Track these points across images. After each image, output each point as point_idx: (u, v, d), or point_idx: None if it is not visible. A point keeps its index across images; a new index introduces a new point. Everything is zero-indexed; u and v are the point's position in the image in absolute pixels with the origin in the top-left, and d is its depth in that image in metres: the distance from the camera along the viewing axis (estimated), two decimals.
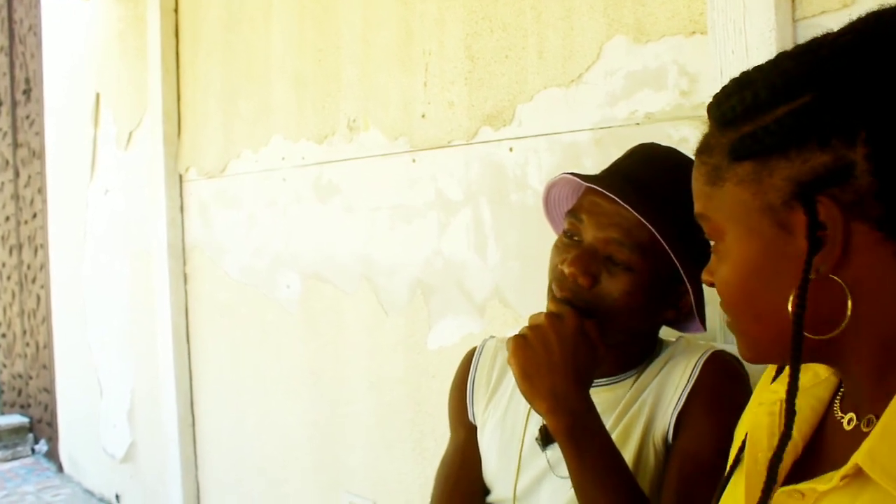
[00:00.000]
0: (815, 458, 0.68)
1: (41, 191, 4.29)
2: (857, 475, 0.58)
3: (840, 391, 0.69)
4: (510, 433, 1.14)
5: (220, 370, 2.75)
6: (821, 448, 0.68)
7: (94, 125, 3.50)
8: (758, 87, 0.61)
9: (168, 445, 2.93)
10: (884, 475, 0.56)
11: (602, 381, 1.09)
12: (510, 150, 1.66)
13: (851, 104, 0.57)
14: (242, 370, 2.62)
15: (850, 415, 0.65)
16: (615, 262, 1.00)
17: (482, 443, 1.19)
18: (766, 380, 0.76)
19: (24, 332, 4.70)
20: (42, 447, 4.49)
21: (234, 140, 2.58)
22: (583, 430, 0.94)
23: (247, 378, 2.60)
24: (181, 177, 2.87)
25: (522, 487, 1.10)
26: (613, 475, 0.93)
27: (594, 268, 1.00)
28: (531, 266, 1.63)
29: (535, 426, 1.08)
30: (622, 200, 0.97)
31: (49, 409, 4.36)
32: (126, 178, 3.25)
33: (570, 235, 1.05)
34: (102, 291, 3.54)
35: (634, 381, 1.08)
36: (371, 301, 2.05)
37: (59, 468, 4.17)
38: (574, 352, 0.96)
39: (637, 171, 1.05)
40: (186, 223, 2.87)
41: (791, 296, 0.60)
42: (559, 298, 1.02)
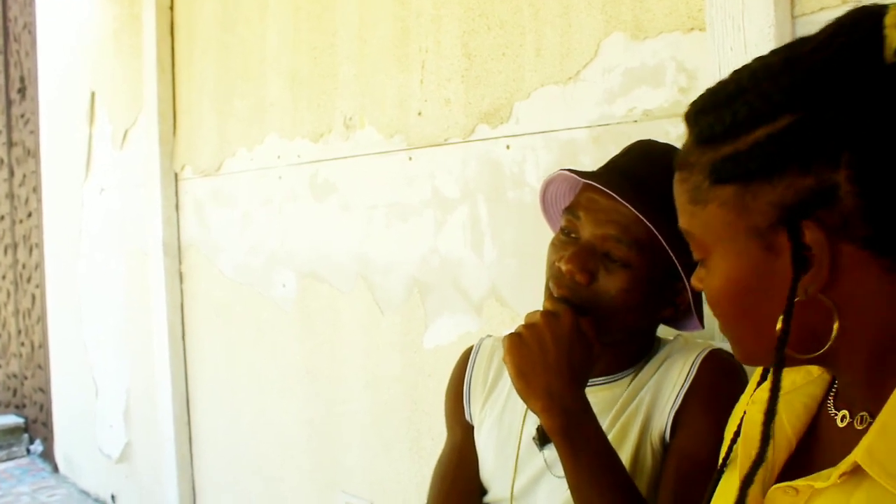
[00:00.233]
0: (810, 455, 0.68)
1: (36, 190, 4.27)
2: (855, 472, 0.58)
3: (833, 388, 0.69)
4: (507, 432, 1.13)
5: (216, 369, 2.74)
6: (815, 444, 0.68)
7: (90, 124, 3.49)
8: (737, 107, 0.60)
9: (164, 445, 2.92)
10: (882, 472, 0.56)
11: (599, 380, 1.08)
12: (507, 148, 1.66)
13: (833, 127, 0.56)
14: (238, 369, 2.61)
15: (844, 412, 0.65)
16: (612, 259, 0.99)
17: (479, 442, 1.18)
18: (758, 377, 0.76)
19: (20, 332, 4.68)
20: (37, 447, 4.47)
21: (230, 138, 2.57)
22: (578, 430, 0.93)
23: (243, 377, 2.59)
24: (176, 175, 2.86)
25: (519, 487, 1.09)
26: (609, 475, 0.93)
27: (591, 265, 0.99)
28: (528, 264, 1.62)
29: (533, 425, 1.07)
30: (620, 197, 0.97)
31: (44, 409, 4.35)
32: (121, 177, 3.24)
33: (568, 232, 1.04)
34: (98, 290, 3.53)
35: (631, 380, 1.07)
36: (367, 300, 2.04)
37: (55, 468, 4.16)
38: (570, 350, 0.95)
39: (635, 168, 1.04)
40: (182, 222, 2.86)
41: (779, 317, 0.60)
42: (556, 296, 1.01)
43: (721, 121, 0.61)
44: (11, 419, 4.64)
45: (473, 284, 1.75)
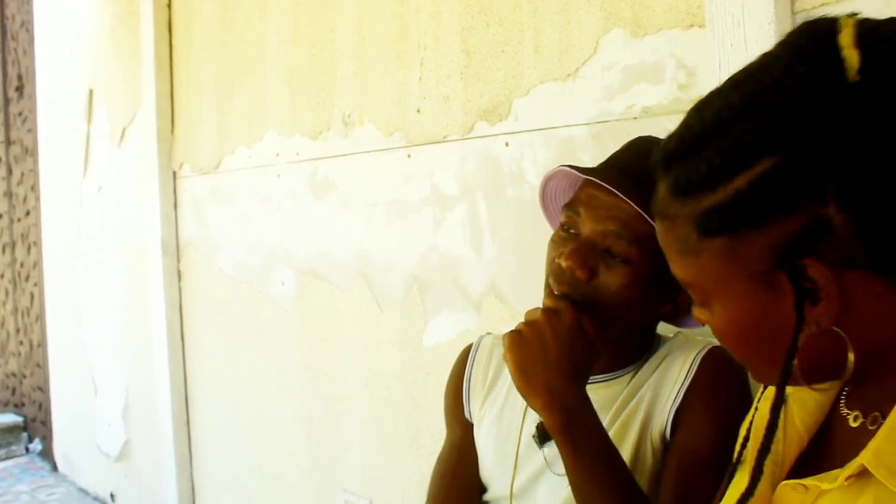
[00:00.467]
0: (822, 453, 0.68)
1: (34, 188, 4.27)
2: (862, 475, 0.58)
3: (845, 387, 0.69)
4: (507, 430, 1.13)
5: (215, 367, 2.73)
6: (827, 443, 0.68)
7: (88, 122, 3.48)
8: (710, 155, 0.59)
9: (163, 443, 2.92)
10: (889, 476, 0.56)
11: (599, 378, 1.08)
12: (506, 145, 1.65)
13: (814, 164, 0.55)
14: (237, 367, 2.61)
15: (856, 412, 0.65)
16: (613, 255, 0.99)
17: (479, 440, 1.18)
18: None
19: (18, 331, 4.68)
20: (36, 446, 4.47)
21: (228, 136, 2.56)
22: (579, 427, 0.93)
23: (242, 375, 2.59)
24: (175, 173, 2.85)
25: (519, 485, 1.09)
26: (610, 472, 0.92)
27: (592, 261, 0.99)
28: (527, 261, 1.62)
29: (532, 423, 1.07)
30: (620, 192, 0.96)
31: (43, 408, 4.35)
32: (119, 175, 3.24)
33: (567, 229, 1.04)
34: (96, 289, 3.53)
35: (632, 378, 1.07)
36: (366, 297, 2.04)
37: (54, 467, 4.15)
38: (570, 347, 0.95)
39: (634, 164, 1.04)
40: (180, 220, 2.85)
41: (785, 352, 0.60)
42: (557, 293, 1.01)
43: (696, 171, 0.59)
44: (10, 418, 4.64)
45: (473, 282, 1.75)
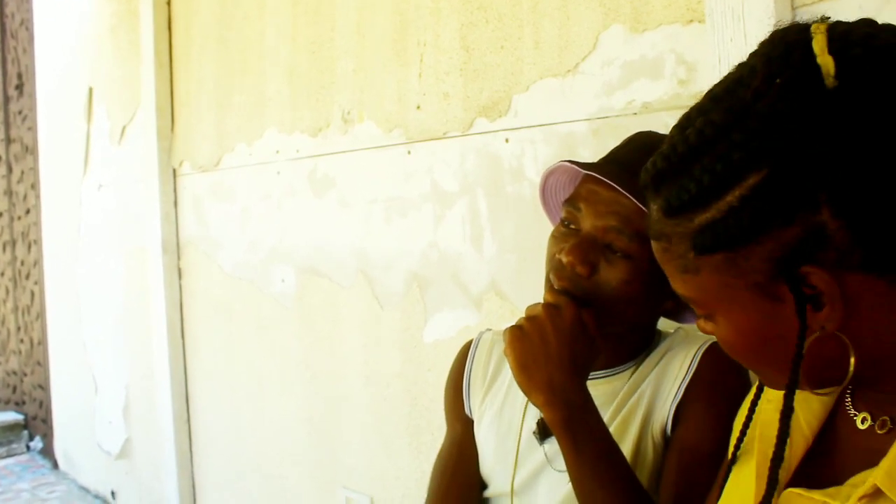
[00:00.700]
0: (827, 455, 0.67)
1: (34, 186, 4.27)
2: (875, 494, 0.57)
3: (848, 388, 0.69)
4: (507, 427, 1.12)
5: (215, 365, 2.73)
6: (834, 445, 0.68)
7: (87, 120, 3.48)
8: (698, 174, 0.59)
9: (163, 441, 2.92)
10: None
11: (600, 373, 1.07)
12: (506, 142, 1.65)
13: (803, 173, 0.55)
14: (237, 365, 2.60)
15: (864, 414, 0.65)
16: (614, 251, 0.99)
17: (479, 436, 1.17)
18: None
19: (19, 329, 4.68)
20: (37, 444, 4.47)
21: (228, 133, 2.56)
22: (580, 423, 0.92)
23: (242, 373, 2.58)
24: (175, 171, 2.85)
25: (520, 481, 1.09)
26: (611, 468, 0.92)
27: (592, 256, 0.99)
28: (528, 258, 1.62)
29: (533, 419, 1.07)
30: (620, 187, 0.96)
31: (44, 406, 4.35)
32: (119, 173, 3.23)
33: (568, 224, 1.03)
34: (97, 287, 3.53)
35: (632, 373, 1.07)
36: (366, 295, 2.04)
37: (55, 465, 4.16)
38: (571, 343, 0.95)
39: (634, 160, 1.03)
40: (180, 218, 2.85)
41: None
42: (557, 289, 1.00)
43: (686, 190, 0.60)
44: (11, 416, 4.64)
45: (473, 279, 1.75)
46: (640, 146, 1.07)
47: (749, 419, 0.73)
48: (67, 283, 3.83)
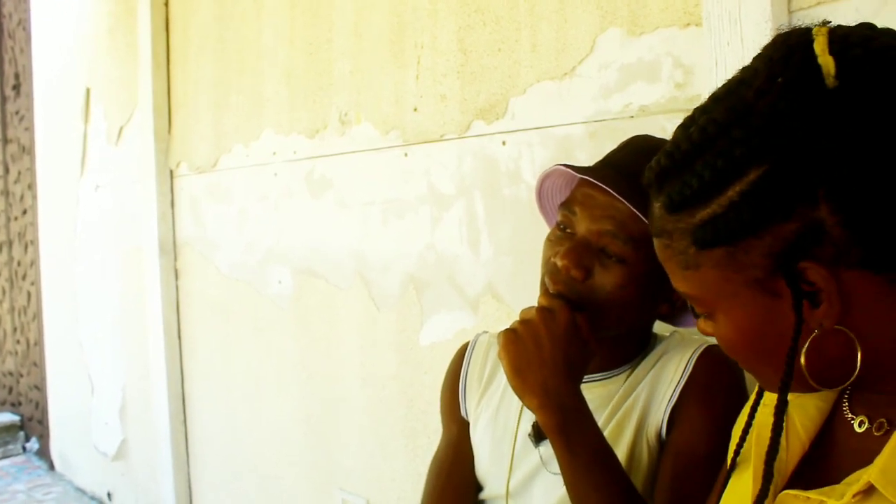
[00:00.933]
0: (824, 458, 0.68)
1: (31, 187, 4.26)
2: (869, 491, 0.58)
3: (848, 390, 0.69)
4: (503, 429, 1.12)
5: (212, 367, 2.73)
6: (830, 448, 0.68)
7: (85, 121, 3.47)
8: (700, 169, 0.60)
9: (160, 443, 2.92)
10: None
11: (595, 377, 1.08)
12: (503, 144, 1.65)
13: (802, 169, 0.56)
14: (234, 367, 2.60)
15: (862, 417, 0.65)
16: (608, 255, 0.99)
17: (475, 439, 1.18)
18: None
19: (15, 329, 4.67)
20: (33, 445, 4.46)
21: (225, 134, 2.56)
22: (574, 426, 0.92)
23: (238, 375, 2.58)
24: (172, 172, 2.85)
25: (515, 484, 1.09)
26: (605, 472, 0.92)
27: (587, 260, 0.99)
28: (524, 261, 1.62)
29: (528, 422, 1.07)
30: (616, 192, 0.96)
31: (40, 407, 4.34)
32: (116, 174, 3.23)
33: (563, 228, 1.03)
34: (93, 288, 3.52)
35: (628, 377, 1.07)
36: (363, 296, 2.04)
37: (51, 466, 4.15)
38: (565, 347, 0.95)
39: (631, 163, 1.03)
40: (177, 219, 2.85)
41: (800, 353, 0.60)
42: (552, 292, 1.00)
43: (688, 185, 0.61)
44: (7, 417, 4.63)
45: (469, 281, 1.75)
46: (636, 150, 1.07)
47: (748, 425, 0.73)
48: (64, 284, 3.83)
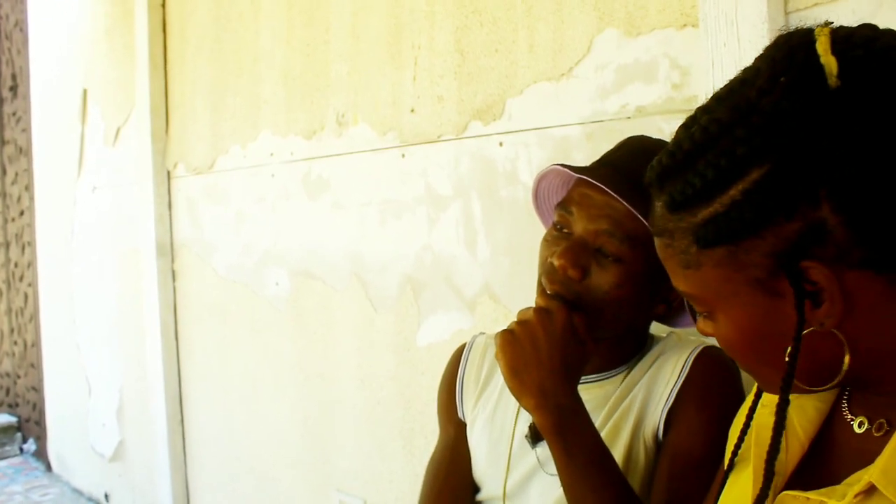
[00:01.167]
0: (823, 459, 0.68)
1: (28, 188, 4.25)
2: (870, 491, 0.58)
3: (846, 391, 0.69)
4: (500, 430, 1.12)
5: (209, 368, 2.73)
6: (829, 449, 0.68)
7: (82, 122, 3.47)
8: (702, 169, 0.60)
9: (157, 444, 2.91)
10: None
11: (591, 377, 1.08)
12: (500, 145, 1.65)
13: (805, 168, 0.56)
14: (231, 368, 2.60)
15: (861, 418, 0.65)
16: (605, 255, 0.99)
17: (472, 440, 1.17)
18: None
19: (12, 331, 4.66)
20: (30, 446, 4.46)
21: (223, 136, 2.55)
22: (571, 427, 0.92)
23: (236, 376, 2.58)
24: (169, 173, 2.84)
25: (512, 485, 1.09)
26: (602, 472, 0.92)
27: (584, 260, 0.99)
28: (522, 261, 1.62)
29: (525, 423, 1.07)
30: (613, 191, 0.96)
31: (37, 408, 4.33)
32: (114, 175, 3.23)
33: (560, 228, 1.03)
34: (90, 289, 3.52)
35: (624, 377, 1.07)
36: (360, 298, 2.04)
37: (48, 467, 4.14)
38: (562, 348, 0.95)
39: (627, 163, 1.03)
40: (174, 220, 2.85)
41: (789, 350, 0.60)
42: (549, 292, 1.00)
43: (690, 185, 0.61)
44: (4, 418, 4.62)
45: (467, 282, 1.75)
46: (633, 150, 1.08)
47: (747, 426, 0.73)
48: (61, 286, 3.82)
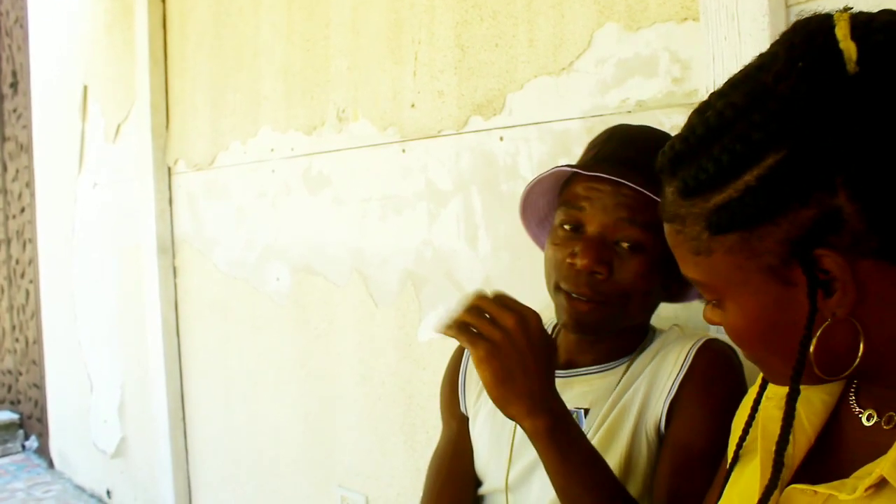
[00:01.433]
0: (831, 452, 0.67)
1: (29, 185, 4.25)
2: (881, 485, 0.57)
3: (854, 384, 0.68)
4: (501, 424, 1.13)
5: (211, 364, 2.73)
6: (837, 442, 0.67)
7: (82, 118, 3.47)
8: (717, 153, 0.59)
9: (158, 440, 2.92)
10: None
11: (594, 369, 1.08)
12: (500, 140, 1.65)
13: (821, 155, 0.55)
14: (233, 364, 2.60)
15: (870, 411, 0.65)
16: (625, 245, 0.99)
17: (474, 433, 1.18)
18: None
19: (14, 328, 4.67)
20: (32, 443, 4.46)
21: (223, 131, 2.55)
22: (563, 429, 0.91)
23: (237, 372, 2.58)
24: (170, 169, 2.84)
25: (514, 477, 1.09)
26: (596, 473, 0.92)
27: (607, 255, 1.00)
28: (522, 256, 1.62)
29: None
30: (624, 180, 0.97)
31: (39, 405, 4.34)
32: (114, 171, 3.23)
33: (569, 227, 1.03)
34: (92, 286, 3.52)
35: (627, 369, 1.07)
36: (361, 293, 2.04)
37: (50, 464, 4.15)
38: (544, 353, 0.95)
39: (622, 153, 1.05)
40: (175, 216, 2.85)
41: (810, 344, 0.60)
42: (576, 296, 1.01)
43: (704, 170, 0.60)
44: (6, 415, 4.62)
45: (467, 277, 1.75)
46: (622, 139, 1.09)
47: (752, 417, 0.72)
48: (62, 282, 3.82)
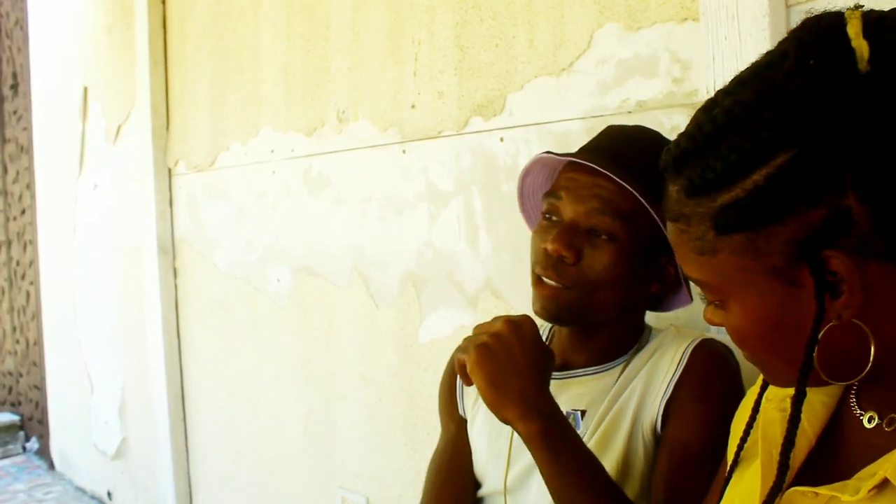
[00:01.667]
0: (832, 455, 0.67)
1: (29, 186, 4.26)
2: (884, 486, 0.57)
3: (854, 386, 0.68)
4: (500, 425, 1.12)
5: (211, 365, 2.73)
6: (839, 444, 0.67)
7: (83, 119, 3.47)
8: (725, 152, 0.58)
9: (159, 441, 2.92)
10: None
11: (590, 370, 1.08)
12: (501, 141, 1.65)
13: (832, 154, 0.54)
14: (233, 365, 2.60)
15: (871, 413, 0.64)
16: (597, 234, 1.01)
17: (472, 436, 1.18)
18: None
19: (14, 329, 4.67)
20: (33, 445, 4.46)
21: (223, 133, 2.55)
22: (556, 431, 0.91)
23: (238, 373, 2.58)
24: (170, 170, 2.84)
25: (513, 479, 1.09)
26: (591, 474, 0.92)
27: (577, 241, 1.01)
28: (523, 257, 1.61)
29: None
30: (601, 168, 0.98)
31: (40, 407, 4.34)
32: (115, 173, 3.23)
33: (550, 217, 1.05)
34: (92, 287, 3.52)
35: (623, 370, 1.07)
36: (362, 294, 2.04)
37: (51, 465, 4.15)
38: (537, 356, 0.95)
39: (610, 146, 1.07)
40: (176, 217, 2.85)
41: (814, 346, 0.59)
42: (544, 278, 1.03)
43: (711, 169, 0.58)
44: (7, 417, 4.63)
45: (468, 278, 1.74)
46: (614, 134, 1.12)
47: (752, 420, 0.72)
48: (63, 284, 3.82)
